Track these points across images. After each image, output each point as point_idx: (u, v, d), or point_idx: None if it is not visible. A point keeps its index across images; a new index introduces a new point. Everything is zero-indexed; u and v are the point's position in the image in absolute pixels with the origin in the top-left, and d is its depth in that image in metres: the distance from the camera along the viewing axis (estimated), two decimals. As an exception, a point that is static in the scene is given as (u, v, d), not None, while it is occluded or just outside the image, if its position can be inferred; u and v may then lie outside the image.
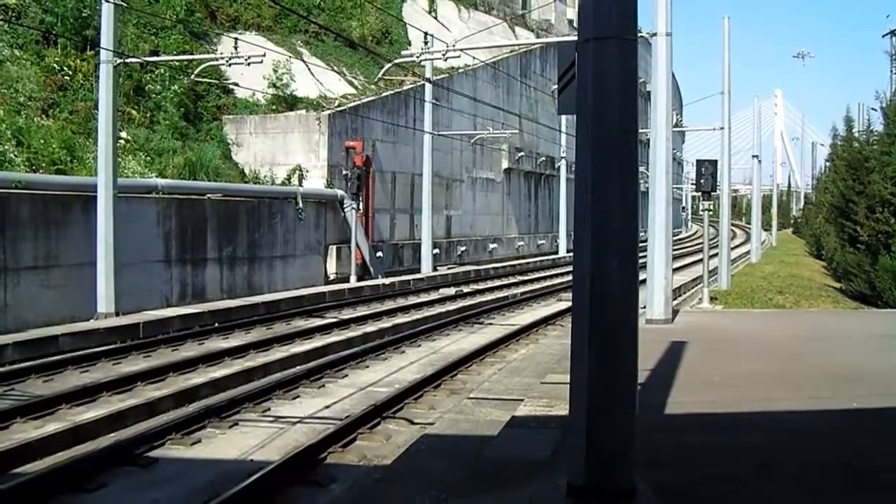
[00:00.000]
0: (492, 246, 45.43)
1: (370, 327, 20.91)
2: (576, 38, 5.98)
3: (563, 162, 51.16)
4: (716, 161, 23.97)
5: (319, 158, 31.65)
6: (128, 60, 23.01)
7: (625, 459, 5.70)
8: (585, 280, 5.70)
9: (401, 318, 22.78)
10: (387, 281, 30.88)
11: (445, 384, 14.59)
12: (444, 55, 26.35)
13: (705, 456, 8.18)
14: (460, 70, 41.65)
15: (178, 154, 27.43)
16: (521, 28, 56.29)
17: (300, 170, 31.25)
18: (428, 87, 33.87)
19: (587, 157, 5.74)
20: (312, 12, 40.38)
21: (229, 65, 25.18)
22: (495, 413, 10.39)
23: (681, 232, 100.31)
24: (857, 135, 39.27)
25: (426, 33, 27.36)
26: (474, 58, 38.16)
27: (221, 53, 26.51)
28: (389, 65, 31.39)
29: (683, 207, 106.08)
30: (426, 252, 35.10)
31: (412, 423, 11.93)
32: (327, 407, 12.95)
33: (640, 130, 9.33)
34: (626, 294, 5.77)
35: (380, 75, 33.19)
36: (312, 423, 11.86)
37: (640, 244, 6.79)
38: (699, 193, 23.90)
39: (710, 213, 24.57)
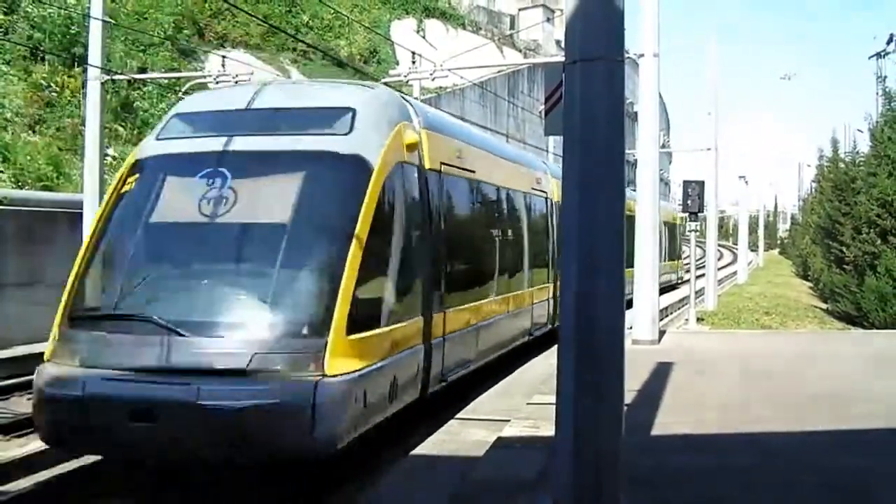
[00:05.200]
0: (479, 265, 45.34)
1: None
2: (563, 58, 5.99)
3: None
4: (703, 182, 24.04)
5: (307, 177, 31.56)
6: (115, 77, 23.00)
7: (611, 480, 5.68)
8: (572, 300, 5.70)
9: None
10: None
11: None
12: (431, 75, 26.38)
13: (691, 477, 8.18)
14: (448, 90, 41.72)
15: (165, 171, 27.36)
16: (509, 48, 56.45)
17: (288, 188, 31.16)
18: (416, 106, 33.90)
19: (574, 179, 5.74)
20: (301, 31, 40.44)
21: (217, 82, 25.14)
22: (481, 433, 10.34)
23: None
24: (843, 156, 39.51)
25: (414, 53, 27.38)
26: (462, 77, 38.24)
27: (209, 71, 26.46)
28: (377, 84, 31.44)
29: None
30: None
31: (397, 443, 11.87)
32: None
33: (628, 151, 9.29)
34: (613, 314, 5.76)
35: (368, 94, 33.23)
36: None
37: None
38: (686, 214, 23.92)
39: (697, 233, 24.62)
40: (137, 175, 10.63)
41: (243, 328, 8.97)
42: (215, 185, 9.75)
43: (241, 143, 10.24)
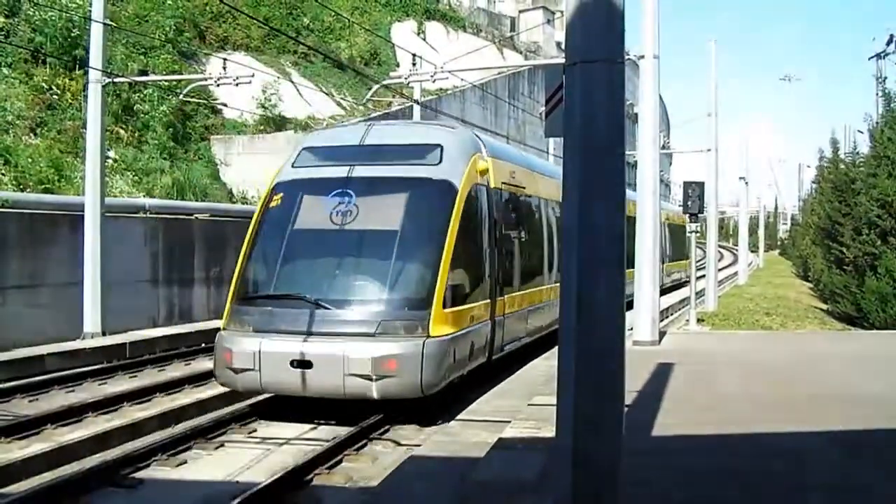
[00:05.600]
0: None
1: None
2: (563, 60, 6.01)
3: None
4: (703, 183, 24.03)
5: (308, 179, 31.56)
6: (116, 80, 23.02)
7: (612, 481, 5.70)
8: (572, 302, 5.71)
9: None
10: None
11: (433, 405, 14.57)
12: (432, 77, 26.43)
13: (692, 477, 8.19)
14: (448, 92, 41.74)
15: (166, 174, 27.42)
16: (510, 50, 56.47)
17: (288, 190, 31.17)
18: (416, 108, 33.84)
19: (574, 180, 5.76)
20: (301, 33, 40.48)
21: (218, 85, 25.23)
22: (482, 435, 10.35)
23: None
24: (843, 157, 39.48)
25: (414, 55, 27.45)
26: (462, 79, 38.25)
27: (210, 73, 26.52)
28: (378, 86, 31.47)
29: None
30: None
31: (399, 444, 11.89)
32: (314, 428, 12.90)
33: (628, 152, 9.36)
34: (613, 316, 5.77)
35: (368, 96, 33.25)
36: (299, 445, 11.82)
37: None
38: (686, 215, 23.92)
39: (698, 235, 24.62)
40: (281, 194, 14.73)
41: (371, 303, 12.96)
42: (343, 202, 13.65)
43: (360, 171, 14.12)
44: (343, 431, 12.10)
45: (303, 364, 12.21)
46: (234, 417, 12.94)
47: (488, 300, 14.65)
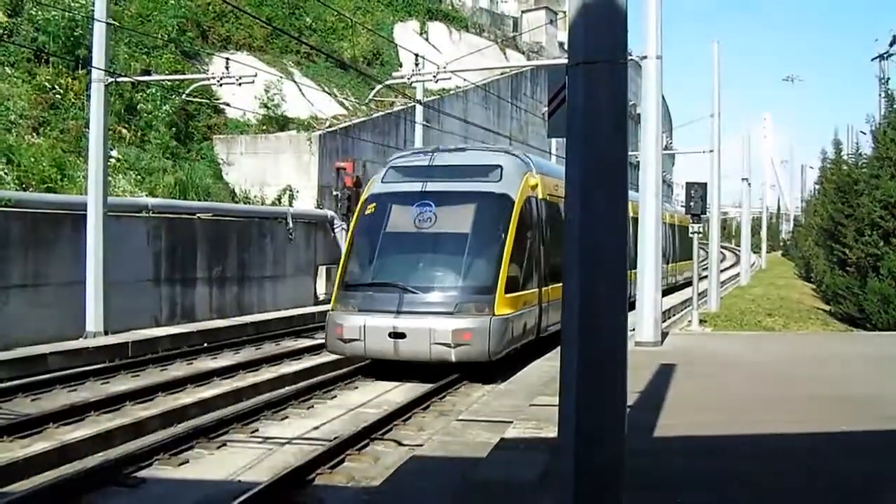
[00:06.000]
0: (482, 266, 45.31)
1: (359, 348, 20.87)
2: (566, 60, 6.00)
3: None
4: (705, 184, 24.03)
5: (310, 179, 31.62)
6: (119, 79, 23.05)
7: (614, 482, 5.69)
8: (574, 303, 5.70)
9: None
10: (376, 301, 30.75)
11: (434, 406, 14.60)
12: (434, 77, 26.42)
13: (694, 479, 8.19)
14: (451, 92, 41.72)
15: (169, 173, 27.42)
16: (512, 50, 56.45)
17: (290, 190, 31.22)
18: (419, 108, 33.89)
19: (576, 181, 5.74)
20: (304, 33, 40.47)
21: (221, 84, 25.25)
22: (484, 435, 10.37)
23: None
24: (845, 158, 39.45)
25: (417, 55, 27.43)
26: (465, 80, 38.25)
27: (213, 73, 26.48)
28: (380, 86, 31.49)
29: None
30: (416, 273, 34.95)
31: (401, 444, 11.91)
32: (316, 428, 12.92)
33: (630, 153, 9.42)
34: (615, 317, 5.76)
35: (371, 96, 33.29)
36: (301, 444, 11.83)
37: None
38: (689, 216, 23.92)
39: (700, 235, 24.61)
40: (374, 204, 18.39)
41: (449, 289, 16.85)
42: (424, 210, 17.52)
43: (437, 186, 17.88)
44: (345, 431, 12.13)
45: (397, 335, 16.10)
46: (237, 417, 12.95)
47: (536, 289, 18.16)
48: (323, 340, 19.76)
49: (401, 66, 40.15)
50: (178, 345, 20.16)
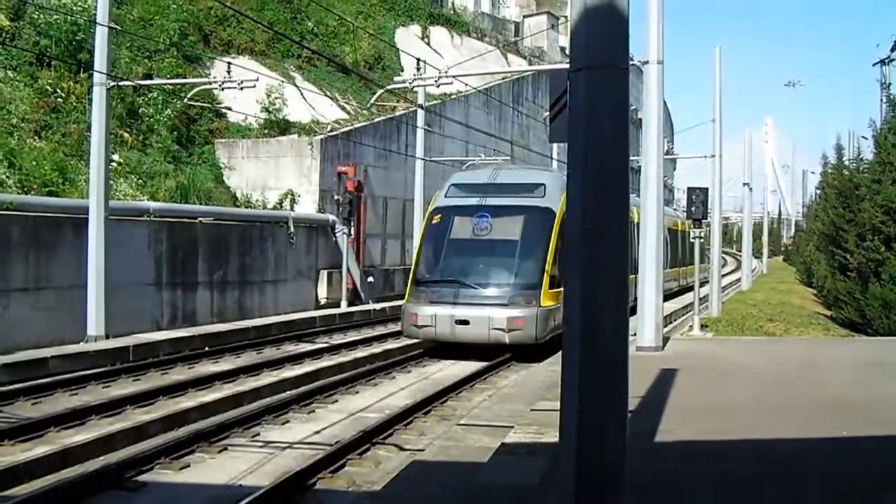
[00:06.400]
0: (483, 272, 45.28)
1: (360, 353, 20.87)
2: (568, 65, 6.00)
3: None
4: (707, 189, 24.04)
5: (311, 183, 31.65)
6: (121, 83, 23.05)
7: (615, 487, 5.69)
8: (576, 307, 5.70)
9: (391, 344, 22.70)
10: (377, 306, 30.80)
11: (436, 410, 14.58)
12: (436, 81, 26.44)
13: (696, 483, 8.19)
14: (452, 96, 41.72)
15: (170, 177, 27.47)
16: (514, 55, 56.50)
17: (292, 194, 31.26)
18: (420, 112, 33.93)
19: (578, 186, 5.75)
20: (306, 37, 40.52)
21: (222, 89, 25.25)
22: (485, 440, 10.36)
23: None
24: (847, 163, 39.43)
25: (419, 59, 27.47)
26: (467, 84, 38.25)
27: (214, 77, 26.53)
28: (382, 91, 31.53)
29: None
30: (417, 277, 35.02)
31: (402, 449, 11.89)
32: (317, 432, 12.91)
33: (632, 158, 9.49)
34: (617, 321, 5.76)
35: (372, 101, 33.37)
36: (302, 449, 11.82)
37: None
38: (690, 221, 23.93)
39: (702, 240, 24.60)
40: (439, 215, 22.16)
41: (503, 285, 20.51)
42: (481, 221, 21.18)
43: (492, 200, 21.46)
44: (346, 436, 12.13)
45: (462, 322, 19.79)
46: (238, 421, 12.95)
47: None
48: (323, 344, 20.10)
49: (402, 70, 40.13)
50: (180, 349, 20.16)
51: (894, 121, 30.92)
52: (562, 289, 18.93)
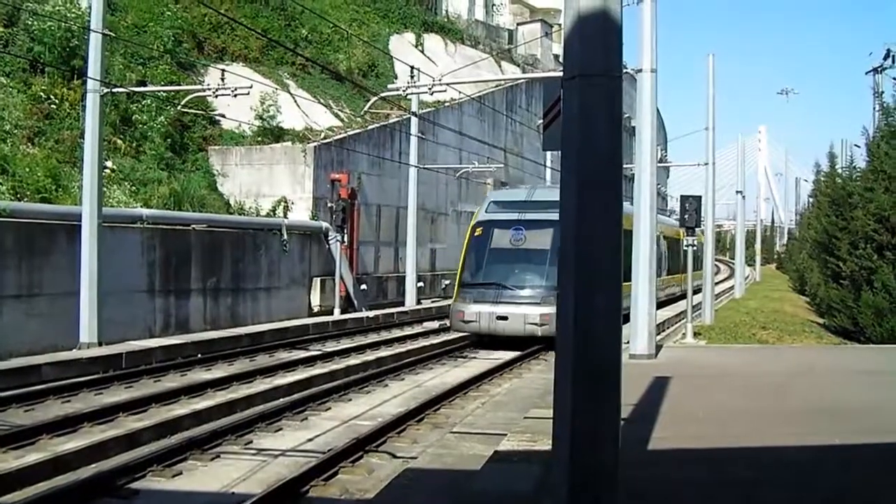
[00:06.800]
0: (476, 279, 45.27)
1: (353, 360, 20.84)
2: (561, 73, 6.01)
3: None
4: (700, 197, 24.06)
5: (305, 190, 31.66)
6: (115, 90, 23.07)
7: (608, 495, 5.69)
8: (569, 314, 5.71)
9: (384, 352, 22.72)
10: (371, 314, 30.81)
11: (429, 418, 14.57)
12: (430, 89, 26.46)
13: (689, 491, 8.19)
14: (446, 104, 41.77)
15: (164, 184, 27.44)
16: (507, 63, 56.56)
17: (285, 201, 31.26)
18: (414, 120, 33.97)
19: (571, 194, 5.76)
20: (299, 45, 40.52)
21: (216, 96, 25.30)
22: (478, 447, 10.36)
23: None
24: (840, 171, 39.46)
25: (412, 67, 27.48)
26: (460, 92, 38.32)
27: (208, 84, 26.53)
28: (376, 98, 31.51)
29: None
30: (410, 285, 35.05)
31: (395, 456, 11.89)
32: (310, 440, 12.90)
33: (625, 166, 9.55)
34: (610, 330, 5.77)
35: (366, 108, 33.36)
36: (295, 456, 11.81)
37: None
38: (683, 229, 24.00)
39: (695, 248, 24.63)
40: (481, 228, 25.68)
41: (537, 287, 23.66)
42: (518, 233, 24.61)
43: (526, 216, 24.89)
44: (339, 443, 12.12)
45: (501, 318, 23.37)
46: (230, 428, 12.93)
47: (629, 282, 20.15)
48: (316, 352, 20.19)
49: (396, 78, 40.21)
50: (172, 356, 20.11)
51: (887, 129, 30.95)
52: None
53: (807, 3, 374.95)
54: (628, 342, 17.04)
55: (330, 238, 30.71)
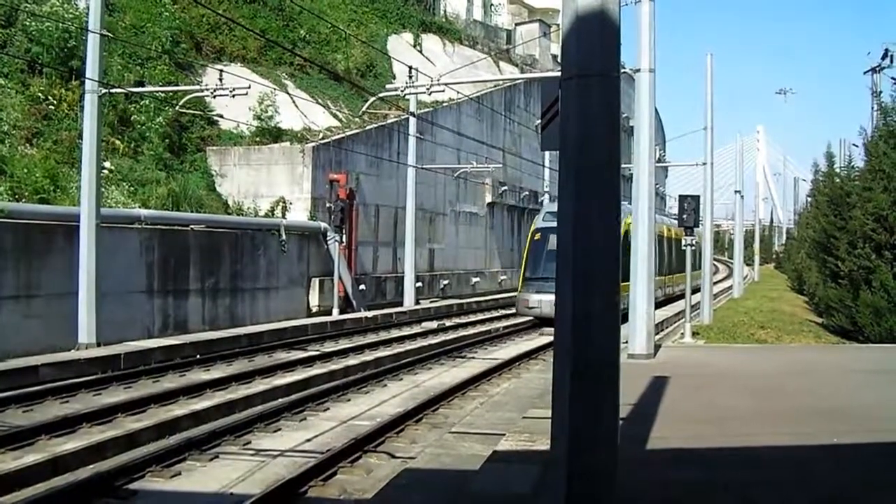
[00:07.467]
0: (474, 280, 45.30)
1: (352, 360, 20.84)
2: (559, 73, 6.01)
3: (547, 196, 51.04)
4: (698, 196, 24.08)
5: (303, 191, 31.64)
6: (113, 91, 23.06)
7: (606, 494, 5.70)
8: (568, 315, 5.71)
9: (383, 352, 22.72)
10: (369, 314, 30.81)
11: (427, 418, 14.57)
12: (428, 89, 26.47)
13: (687, 491, 8.19)
14: (444, 104, 41.74)
15: (162, 184, 27.42)
16: (506, 63, 56.55)
17: (284, 202, 31.24)
18: (412, 120, 33.97)
19: (570, 193, 5.76)
20: (298, 45, 40.50)
21: (214, 96, 25.28)
22: (477, 447, 10.36)
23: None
24: (838, 170, 39.47)
25: (411, 67, 27.50)
26: (458, 92, 38.31)
27: (206, 85, 26.51)
28: (374, 98, 31.53)
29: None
30: (409, 285, 35.08)
31: (393, 457, 11.89)
32: (309, 440, 12.90)
33: (623, 165, 9.61)
34: (608, 329, 5.78)
35: (364, 108, 33.38)
36: (293, 457, 11.81)
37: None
38: (682, 228, 24.00)
39: (693, 248, 24.64)
40: (539, 234, 32.31)
41: None
42: None
43: None
44: (338, 443, 12.12)
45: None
46: (229, 429, 12.93)
47: (628, 282, 21.00)
48: (314, 352, 20.26)
49: (394, 78, 40.19)
50: (171, 356, 20.10)
51: (885, 129, 30.96)
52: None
53: (805, 3, 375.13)
54: (627, 342, 17.04)
55: (328, 238, 30.69)
